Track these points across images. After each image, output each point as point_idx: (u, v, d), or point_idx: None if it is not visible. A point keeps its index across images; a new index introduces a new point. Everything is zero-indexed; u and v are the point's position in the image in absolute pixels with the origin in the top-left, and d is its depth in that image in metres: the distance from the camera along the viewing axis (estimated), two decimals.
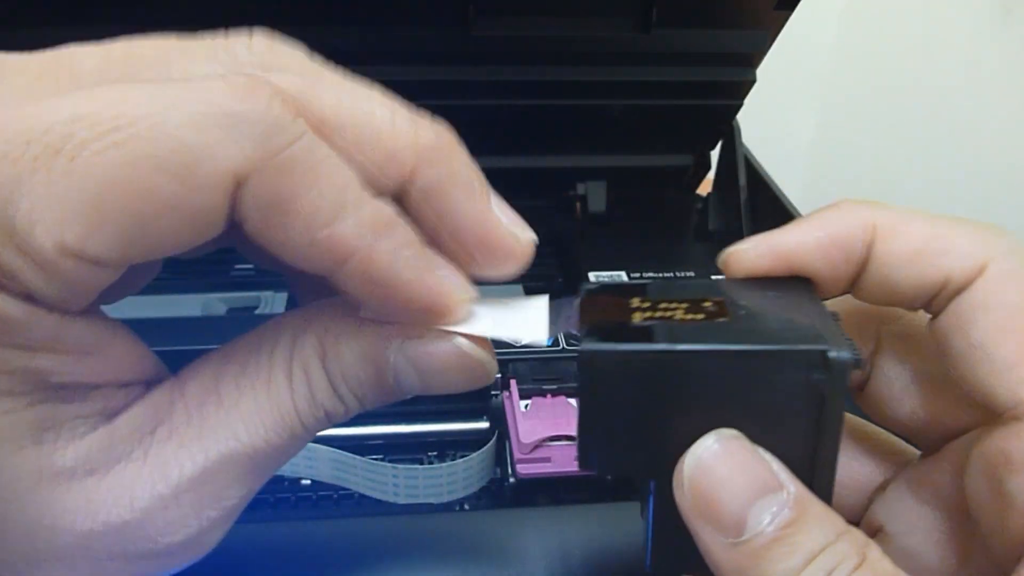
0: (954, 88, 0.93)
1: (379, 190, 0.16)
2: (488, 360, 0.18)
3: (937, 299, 0.17)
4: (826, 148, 1.06)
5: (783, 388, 0.16)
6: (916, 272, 0.17)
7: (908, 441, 0.21)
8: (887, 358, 0.20)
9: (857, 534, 0.16)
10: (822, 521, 0.16)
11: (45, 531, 0.15)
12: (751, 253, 0.18)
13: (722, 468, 0.16)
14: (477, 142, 0.20)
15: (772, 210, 0.49)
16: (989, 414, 0.17)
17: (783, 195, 0.48)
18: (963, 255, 0.17)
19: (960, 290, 0.17)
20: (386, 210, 0.16)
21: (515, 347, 0.36)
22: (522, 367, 0.35)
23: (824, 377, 0.16)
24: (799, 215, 0.47)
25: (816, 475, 0.17)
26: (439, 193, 0.17)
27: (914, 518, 0.19)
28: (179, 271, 0.48)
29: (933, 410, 0.19)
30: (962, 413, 0.19)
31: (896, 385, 0.20)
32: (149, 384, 0.18)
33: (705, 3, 0.42)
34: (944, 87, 0.93)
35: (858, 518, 0.21)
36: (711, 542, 0.16)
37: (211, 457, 0.17)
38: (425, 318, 0.17)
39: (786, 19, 0.43)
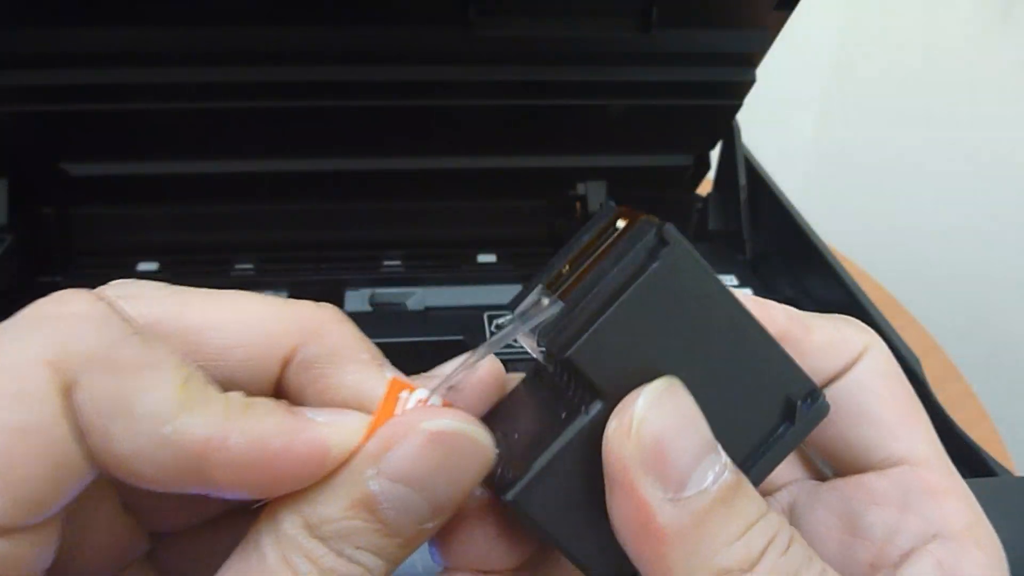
0: (954, 88, 0.93)
1: (256, 384, 0.16)
2: (471, 429, 0.16)
3: (845, 368, 0.19)
4: (826, 148, 1.06)
5: (769, 386, 0.17)
6: (827, 360, 0.19)
7: None
8: None
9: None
10: (755, 493, 0.16)
11: None
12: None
13: (674, 418, 0.15)
14: (477, 142, 0.20)
15: (772, 210, 0.49)
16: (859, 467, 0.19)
17: (783, 195, 0.48)
18: (850, 345, 0.19)
19: (845, 371, 0.19)
20: (237, 398, 0.15)
21: (515, 347, 0.36)
22: (522, 367, 0.35)
23: (809, 410, 0.18)
24: (799, 215, 0.47)
25: (754, 473, 0.17)
26: (318, 364, 0.16)
27: (809, 523, 0.20)
28: (179, 271, 0.48)
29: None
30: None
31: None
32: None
33: (705, 3, 0.42)
34: (944, 87, 0.93)
35: None
36: (649, 496, 0.15)
37: None
38: (325, 467, 0.15)
39: (786, 19, 0.43)
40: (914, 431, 0.19)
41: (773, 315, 0.19)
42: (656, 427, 0.15)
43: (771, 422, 0.17)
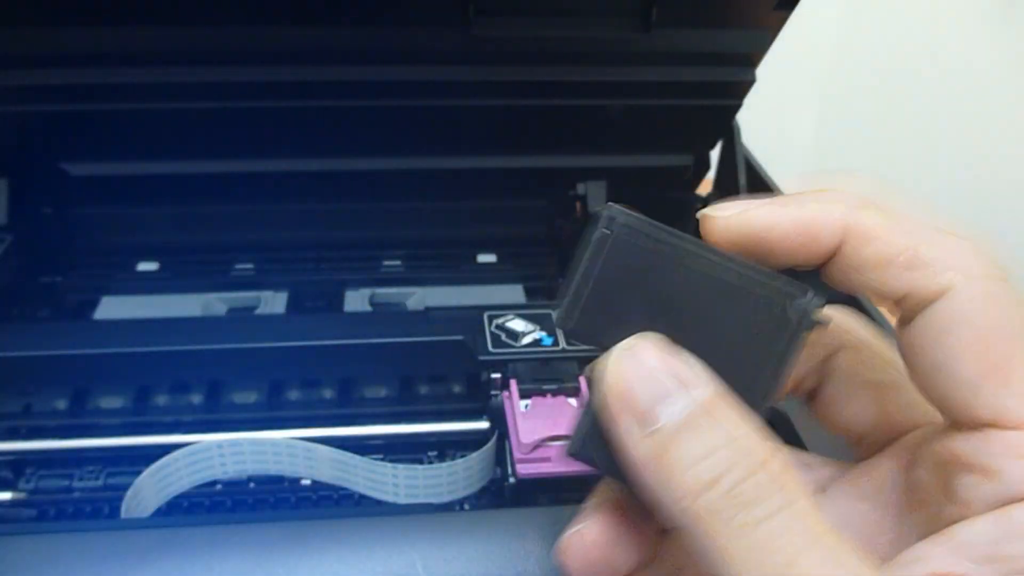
0: (954, 88, 0.93)
1: None
2: None
3: (901, 306, 0.18)
4: (826, 148, 1.06)
5: (759, 312, 0.18)
6: (879, 281, 0.18)
7: (853, 447, 0.22)
8: (839, 366, 0.21)
9: (771, 441, 0.17)
10: (734, 420, 0.17)
11: None
12: (721, 223, 0.19)
13: (643, 363, 0.17)
14: (477, 142, 0.21)
15: None
16: (940, 418, 0.18)
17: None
18: (930, 273, 0.17)
19: (924, 305, 0.17)
20: None
21: (515, 347, 0.36)
22: (522, 367, 0.35)
23: (800, 310, 0.18)
24: None
25: (755, 398, 0.18)
26: None
27: (845, 513, 0.20)
28: (179, 271, 0.48)
29: (880, 413, 0.20)
30: (907, 417, 0.20)
31: (846, 392, 0.21)
32: None
33: (705, 3, 0.42)
34: (944, 87, 0.93)
35: None
36: (627, 434, 0.17)
37: None
38: None
39: (786, 19, 0.43)
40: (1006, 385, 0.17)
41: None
42: (618, 376, 0.17)
43: (777, 341, 0.18)
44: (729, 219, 0.19)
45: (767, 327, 0.18)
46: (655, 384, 0.17)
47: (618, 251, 0.19)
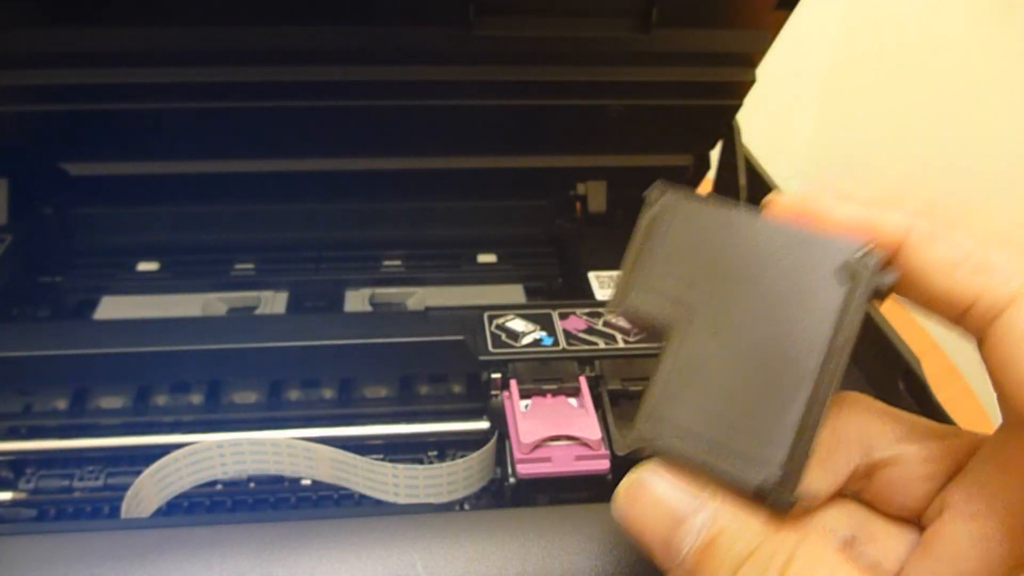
0: (954, 88, 0.93)
1: None
2: None
3: (970, 317, 0.17)
4: (826, 148, 1.06)
5: (814, 272, 0.17)
6: (946, 285, 0.17)
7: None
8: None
9: (785, 532, 0.16)
10: (744, 529, 0.16)
11: None
12: (784, 200, 0.19)
13: (652, 495, 0.18)
14: (477, 142, 0.21)
15: None
16: None
17: None
18: (999, 277, 0.16)
19: (994, 314, 0.16)
20: None
21: (515, 347, 0.36)
22: (522, 367, 0.35)
23: (857, 266, 0.17)
24: None
25: (822, 374, 0.17)
26: None
27: (987, 502, 0.19)
28: (179, 271, 0.48)
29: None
30: None
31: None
32: None
33: (705, 3, 0.42)
34: (944, 87, 0.93)
35: (926, 504, 0.20)
36: (656, 557, 0.17)
37: None
38: None
39: (786, 19, 0.43)
40: None
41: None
42: (630, 512, 0.18)
43: (834, 299, 0.17)
44: (795, 196, 0.19)
45: (824, 286, 0.17)
46: (668, 515, 0.17)
47: (667, 225, 0.19)
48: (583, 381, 0.34)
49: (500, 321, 0.38)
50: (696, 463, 0.17)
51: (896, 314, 0.61)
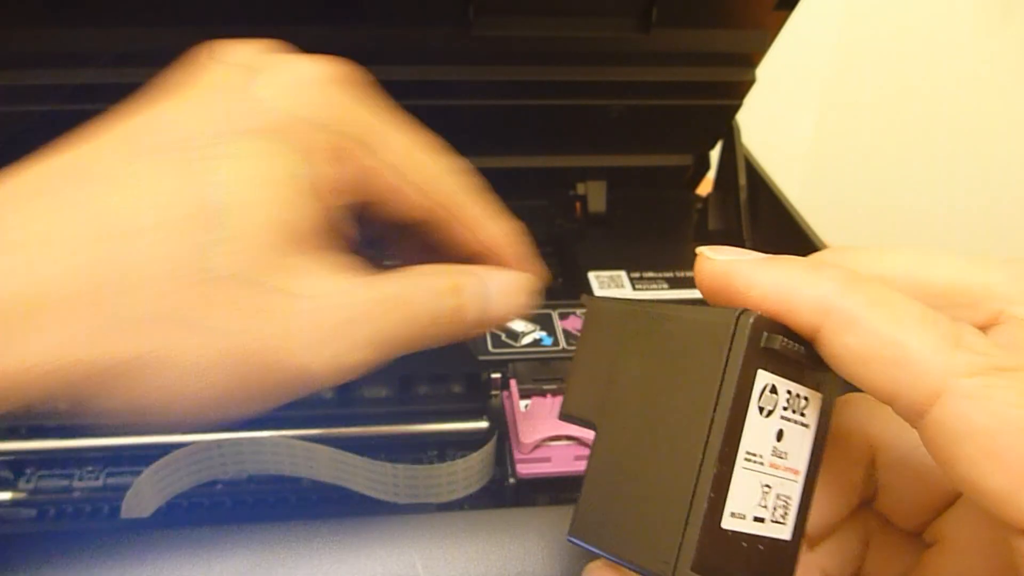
0: (954, 88, 0.93)
1: None
2: None
3: (897, 409, 0.16)
4: (826, 148, 1.06)
5: (704, 349, 0.17)
6: (863, 376, 0.16)
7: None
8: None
9: None
10: None
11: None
12: (707, 267, 0.18)
13: None
14: (477, 142, 0.21)
15: (772, 210, 0.49)
16: None
17: (783, 195, 0.48)
18: (916, 370, 0.15)
19: (918, 411, 0.15)
20: None
21: (515, 346, 0.36)
22: (522, 367, 0.35)
23: (734, 326, 0.17)
24: (799, 215, 0.47)
25: (710, 438, 0.16)
26: None
27: (975, 537, 0.18)
28: None
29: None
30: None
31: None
32: None
33: (705, 3, 0.42)
34: (944, 87, 0.93)
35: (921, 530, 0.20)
36: None
37: None
38: None
39: (786, 19, 0.43)
40: None
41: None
42: None
43: (717, 365, 0.17)
44: (716, 265, 0.18)
45: (709, 358, 0.17)
46: None
47: (595, 329, 0.20)
48: None
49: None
50: (624, 564, 0.18)
51: None
